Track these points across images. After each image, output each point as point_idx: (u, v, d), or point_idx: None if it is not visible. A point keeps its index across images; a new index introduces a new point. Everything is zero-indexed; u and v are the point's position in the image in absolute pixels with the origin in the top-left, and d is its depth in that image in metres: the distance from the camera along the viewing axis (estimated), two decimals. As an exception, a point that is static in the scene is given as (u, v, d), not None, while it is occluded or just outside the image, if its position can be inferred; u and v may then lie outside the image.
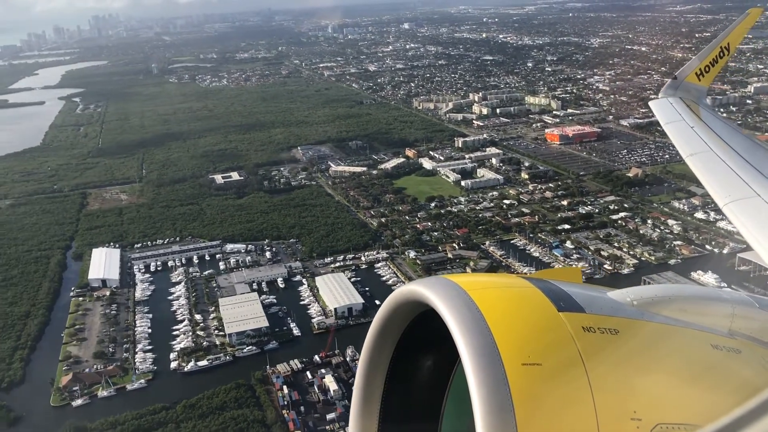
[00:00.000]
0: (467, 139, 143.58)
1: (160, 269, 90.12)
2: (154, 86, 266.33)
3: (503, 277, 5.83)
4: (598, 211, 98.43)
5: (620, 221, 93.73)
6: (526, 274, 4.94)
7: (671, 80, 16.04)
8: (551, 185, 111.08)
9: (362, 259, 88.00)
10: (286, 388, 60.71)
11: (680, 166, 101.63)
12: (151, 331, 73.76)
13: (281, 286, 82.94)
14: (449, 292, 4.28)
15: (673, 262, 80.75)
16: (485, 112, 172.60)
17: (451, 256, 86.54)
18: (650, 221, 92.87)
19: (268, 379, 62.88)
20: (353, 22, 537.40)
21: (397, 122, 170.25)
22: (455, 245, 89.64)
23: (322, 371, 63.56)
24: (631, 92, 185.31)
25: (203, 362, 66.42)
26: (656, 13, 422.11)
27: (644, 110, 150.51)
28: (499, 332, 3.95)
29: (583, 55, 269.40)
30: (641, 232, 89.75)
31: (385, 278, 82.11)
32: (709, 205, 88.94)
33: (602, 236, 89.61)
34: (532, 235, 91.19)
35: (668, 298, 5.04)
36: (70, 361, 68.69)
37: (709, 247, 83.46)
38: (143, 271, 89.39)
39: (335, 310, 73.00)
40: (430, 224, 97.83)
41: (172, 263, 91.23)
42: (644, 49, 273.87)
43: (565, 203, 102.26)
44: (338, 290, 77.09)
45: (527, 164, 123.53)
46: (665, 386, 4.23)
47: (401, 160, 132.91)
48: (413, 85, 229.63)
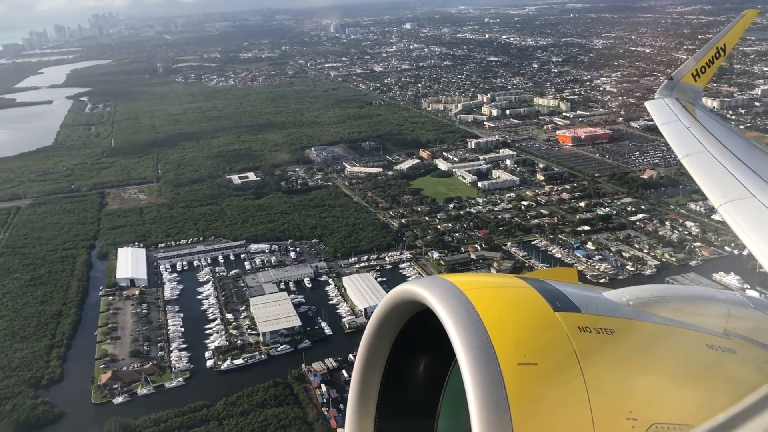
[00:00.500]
0: (480, 140, 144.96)
1: (186, 269, 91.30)
2: (160, 86, 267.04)
3: (499, 277, 6.17)
4: (616, 212, 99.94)
5: (639, 223, 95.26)
6: (521, 274, 5.31)
7: (667, 81, 16.22)
8: (567, 187, 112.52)
9: (386, 259, 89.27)
10: (324, 386, 62.03)
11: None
12: (183, 329, 74.94)
13: (308, 285, 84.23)
14: (445, 291, 4.32)
15: (694, 263, 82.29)
16: (495, 113, 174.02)
17: (474, 256, 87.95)
18: (668, 223, 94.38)
19: (304, 377, 64.18)
20: (354, 21, 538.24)
21: (408, 123, 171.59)
22: (477, 246, 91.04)
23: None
24: (638, 94, 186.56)
25: (239, 360, 67.68)
26: (657, 14, 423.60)
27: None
28: (495, 332, 3.99)
29: (587, 56, 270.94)
30: (660, 233, 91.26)
31: (410, 279, 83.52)
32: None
33: (622, 238, 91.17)
34: (552, 236, 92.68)
35: (664, 298, 5.07)
36: (106, 359, 69.85)
37: (728, 248, 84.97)
38: (170, 270, 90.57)
39: (365, 310, 74.27)
40: (450, 225, 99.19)
41: (197, 263, 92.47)
42: (648, 50, 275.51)
43: (582, 205, 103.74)
44: (366, 290, 78.41)
45: (542, 166, 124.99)
46: (661, 386, 4.27)
47: (416, 161, 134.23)
48: (420, 86, 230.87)
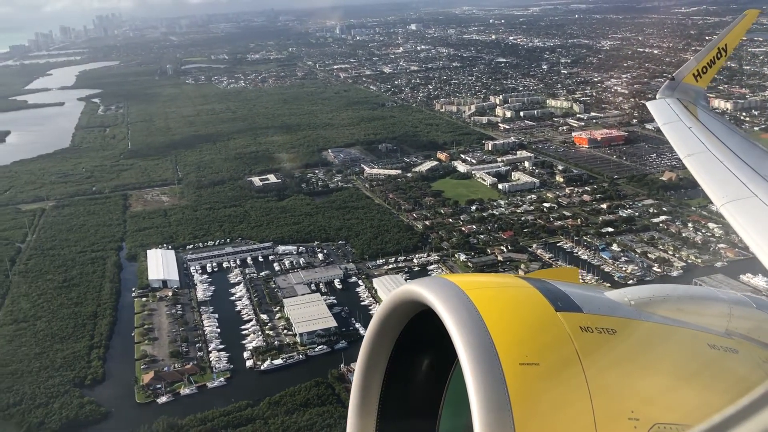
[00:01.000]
0: (497, 142, 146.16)
1: (216, 270, 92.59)
2: (171, 87, 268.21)
3: (501, 276, 5.52)
4: (638, 214, 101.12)
5: (661, 225, 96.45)
6: (523, 274, 4.98)
7: (668, 81, 16.24)
8: (587, 189, 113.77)
9: (414, 261, 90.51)
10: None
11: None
12: (219, 330, 76.22)
13: (339, 287, 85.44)
14: (447, 291, 4.34)
15: (719, 264, 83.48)
16: (509, 115, 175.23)
17: (501, 258, 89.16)
18: (691, 224, 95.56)
19: (344, 377, 65.36)
20: (359, 22, 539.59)
21: (422, 125, 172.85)
22: (503, 248, 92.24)
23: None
24: (650, 95, 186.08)
25: (278, 361, 68.94)
26: (662, 14, 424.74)
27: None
28: (496, 332, 4.00)
29: (596, 57, 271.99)
30: (683, 235, 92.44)
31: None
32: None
33: (646, 239, 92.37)
34: (576, 237, 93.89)
35: (665, 298, 5.10)
36: (146, 359, 71.13)
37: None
38: (200, 272, 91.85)
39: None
40: (474, 227, 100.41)
41: (227, 264, 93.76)
42: (656, 51, 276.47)
43: (604, 207, 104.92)
44: (398, 291, 79.46)
45: (560, 167, 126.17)
46: (662, 386, 4.27)
47: (434, 163, 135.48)
48: (431, 87, 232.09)
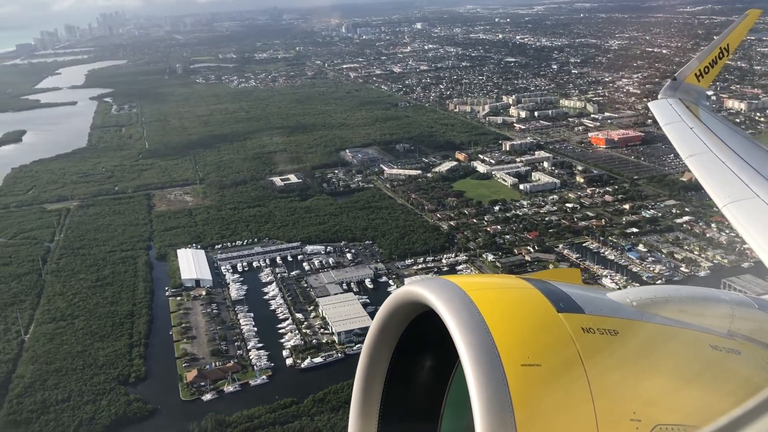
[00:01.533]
0: (514, 142, 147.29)
1: (246, 270, 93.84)
2: (182, 87, 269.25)
3: (502, 277, 6.25)
4: (661, 215, 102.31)
5: (685, 225, 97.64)
6: (524, 275, 5.52)
7: (670, 81, 16.23)
8: (608, 189, 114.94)
9: (443, 261, 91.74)
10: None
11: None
12: (256, 329, 77.48)
13: (370, 286, 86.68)
14: (448, 292, 4.35)
15: (746, 265, 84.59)
16: (523, 115, 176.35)
17: (528, 259, 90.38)
18: (714, 225, 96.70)
19: (384, 375, 66.53)
20: (363, 21, 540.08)
21: (437, 125, 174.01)
22: (530, 248, 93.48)
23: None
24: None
25: (318, 359, 70.20)
26: (668, 14, 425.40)
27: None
28: (498, 333, 4.01)
29: (605, 57, 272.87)
30: (708, 235, 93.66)
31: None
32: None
33: (671, 240, 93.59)
34: (602, 238, 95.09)
35: (667, 299, 5.11)
36: (187, 358, 72.36)
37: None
38: (231, 271, 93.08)
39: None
40: (499, 227, 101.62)
41: (257, 264, 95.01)
42: (665, 51, 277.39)
43: (626, 207, 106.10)
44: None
45: (580, 168, 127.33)
46: (664, 387, 4.27)
47: (453, 163, 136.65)
48: (442, 87, 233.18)
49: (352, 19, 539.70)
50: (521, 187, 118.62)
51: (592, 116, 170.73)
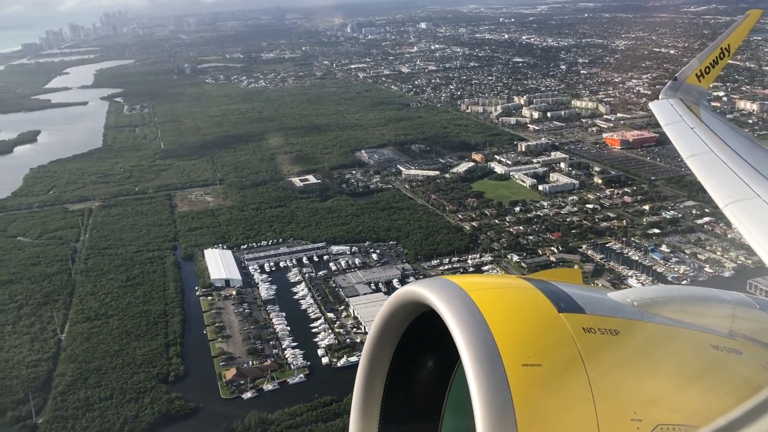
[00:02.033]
0: (530, 143, 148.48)
1: (273, 269, 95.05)
2: (192, 87, 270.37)
3: (503, 277, 6.26)
4: (681, 215, 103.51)
5: (706, 225, 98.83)
6: (525, 275, 4.94)
7: (671, 81, 16.26)
8: (627, 190, 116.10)
9: (468, 262, 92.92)
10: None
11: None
12: (289, 328, 78.67)
13: (397, 287, 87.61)
14: (449, 292, 4.36)
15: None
16: (536, 115, 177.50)
17: (554, 259, 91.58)
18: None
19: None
20: (367, 21, 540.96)
21: (451, 125, 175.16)
22: (554, 249, 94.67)
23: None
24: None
25: (353, 358, 71.27)
26: (672, 14, 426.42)
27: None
28: (499, 333, 4.03)
29: (612, 57, 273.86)
30: (729, 236, 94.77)
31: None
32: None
33: (693, 240, 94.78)
34: (624, 238, 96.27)
35: (668, 298, 5.14)
36: (224, 357, 73.54)
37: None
38: (258, 271, 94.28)
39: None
40: (521, 228, 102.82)
41: (283, 264, 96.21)
42: (672, 51, 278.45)
43: (646, 208, 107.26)
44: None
45: (598, 169, 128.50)
46: (666, 387, 4.28)
47: (471, 164, 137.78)
48: (452, 87, 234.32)
49: (355, 18, 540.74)
50: (540, 188, 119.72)
51: (604, 117, 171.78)
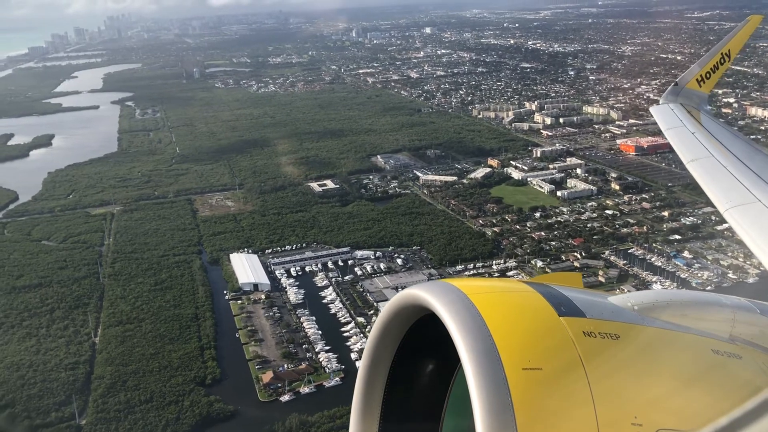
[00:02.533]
0: (545, 149, 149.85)
1: (300, 274, 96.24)
2: (202, 91, 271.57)
3: (504, 281, 6.19)
4: (701, 221, 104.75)
5: (726, 232, 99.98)
6: (526, 278, 4.75)
7: (672, 86, 16.35)
8: (645, 196, 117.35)
9: (493, 267, 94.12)
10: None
11: None
12: (321, 332, 79.81)
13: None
14: (450, 296, 4.39)
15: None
16: (548, 121, 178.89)
17: (578, 265, 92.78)
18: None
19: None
20: (372, 25, 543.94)
21: (464, 131, 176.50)
22: (577, 255, 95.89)
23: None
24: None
25: (387, 362, 72.41)
26: (676, 19, 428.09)
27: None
28: (499, 336, 4.04)
29: (620, 63, 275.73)
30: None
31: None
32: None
33: (714, 246, 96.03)
34: (646, 244, 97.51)
35: (669, 303, 5.14)
36: (258, 360, 74.68)
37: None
38: (285, 275, 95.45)
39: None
40: (543, 234, 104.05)
41: (309, 268, 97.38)
42: (680, 58, 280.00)
43: (666, 214, 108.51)
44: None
45: (614, 175, 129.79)
46: (666, 391, 4.28)
47: (487, 169, 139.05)
48: (462, 93, 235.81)
49: (359, 23, 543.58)
50: (558, 193, 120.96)
51: (616, 123, 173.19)
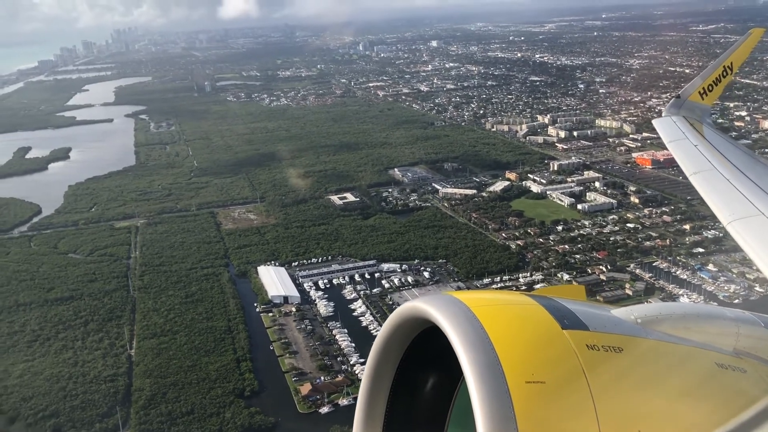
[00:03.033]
0: (561, 162, 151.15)
1: (328, 287, 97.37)
2: (214, 104, 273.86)
3: (507, 294, 6.26)
4: (722, 234, 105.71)
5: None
6: (529, 291, 5.47)
7: (674, 99, 16.46)
8: (665, 209, 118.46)
9: (520, 280, 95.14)
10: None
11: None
12: (354, 345, 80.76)
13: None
14: (452, 309, 4.40)
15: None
16: (562, 135, 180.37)
17: (604, 278, 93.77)
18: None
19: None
20: (378, 39, 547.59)
21: (479, 144, 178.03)
22: (602, 268, 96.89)
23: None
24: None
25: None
26: (681, 32, 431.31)
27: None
28: (502, 350, 4.05)
29: (629, 76, 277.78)
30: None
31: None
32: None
33: (738, 260, 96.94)
34: (670, 257, 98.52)
35: (672, 315, 5.11)
36: (295, 372, 75.62)
37: None
38: (314, 288, 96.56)
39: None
40: (566, 247, 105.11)
41: (336, 281, 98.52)
42: (688, 71, 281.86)
43: (687, 227, 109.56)
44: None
45: (633, 188, 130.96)
46: (669, 405, 4.27)
47: (506, 183, 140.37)
48: (474, 106, 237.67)
49: (365, 36, 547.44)
50: (579, 207, 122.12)
51: (630, 136, 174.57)
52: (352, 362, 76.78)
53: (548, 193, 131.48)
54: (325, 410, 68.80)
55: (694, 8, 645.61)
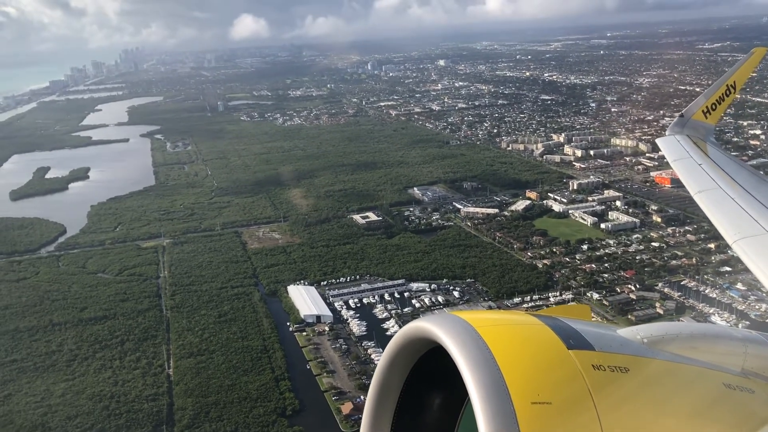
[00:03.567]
0: (581, 181, 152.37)
1: (358, 306, 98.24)
2: (228, 124, 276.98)
3: (512, 314, 6.15)
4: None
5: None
6: (534, 311, 5.51)
7: (678, 118, 16.54)
8: (689, 228, 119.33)
9: (550, 299, 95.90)
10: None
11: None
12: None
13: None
14: (457, 329, 4.41)
15: None
16: (579, 154, 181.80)
17: (633, 297, 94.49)
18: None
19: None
20: (385, 58, 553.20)
21: (497, 163, 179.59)
22: (631, 287, 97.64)
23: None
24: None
25: (462, 393, 74.00)
26: (687, 51, 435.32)
27: (735, 153, 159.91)
28: (508, 370, 4.03)
29: (639, 95, 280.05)
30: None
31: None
32: None
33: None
34: (698, 276, 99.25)
35: (678, 335, 5.07)
36: (334, 391, 76.34)
37: None
38: (345, 307, 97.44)
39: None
40: (594, 266, 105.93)
41: (367, 300, 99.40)
42: (698, 89, 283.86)
43: (712, 246, 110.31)
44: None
45: (655, 207, 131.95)
46: (676, 426, 4.26)
47: (527, 202, 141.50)
48: (487, 125, 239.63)
49: (372, 55, 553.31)
50: (603, 226, 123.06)
51: (647, 155, 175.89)
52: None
53: (570, 212, 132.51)
54: (367, 429, 69.25)
55: (698, 27, 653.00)
